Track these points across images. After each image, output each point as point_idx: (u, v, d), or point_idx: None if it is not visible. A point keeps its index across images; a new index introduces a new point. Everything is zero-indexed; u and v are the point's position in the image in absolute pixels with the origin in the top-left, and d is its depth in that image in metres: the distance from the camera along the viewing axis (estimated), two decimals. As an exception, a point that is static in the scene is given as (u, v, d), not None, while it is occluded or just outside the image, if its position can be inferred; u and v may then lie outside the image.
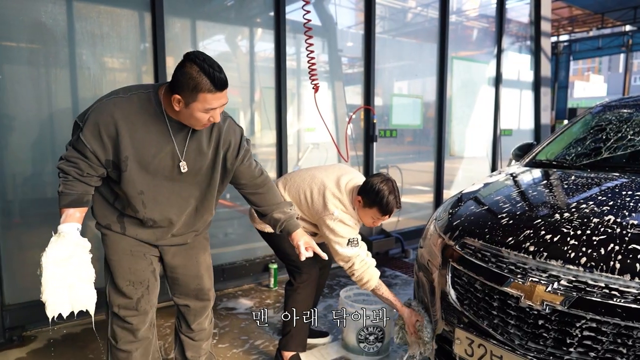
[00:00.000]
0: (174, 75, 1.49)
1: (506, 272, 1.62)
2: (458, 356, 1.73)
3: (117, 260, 1.70)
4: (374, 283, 2.17)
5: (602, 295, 1.39)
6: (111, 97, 1.55)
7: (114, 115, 1.51)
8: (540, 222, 1.70)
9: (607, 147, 2.49)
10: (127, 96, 1.55)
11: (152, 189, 1.63)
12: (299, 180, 2.27)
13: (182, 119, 1.56)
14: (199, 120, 1.53)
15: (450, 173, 4.85)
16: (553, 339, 1.46)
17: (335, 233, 2.12)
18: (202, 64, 1.44)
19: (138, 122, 1.54)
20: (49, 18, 2.63)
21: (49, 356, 2.38)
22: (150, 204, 1.65)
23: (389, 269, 3.85)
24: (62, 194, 1.54)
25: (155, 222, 1.69)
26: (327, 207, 2.14)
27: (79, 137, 1.52)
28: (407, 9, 4.77)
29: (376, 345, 2.35)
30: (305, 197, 2.21)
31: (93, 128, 1.51)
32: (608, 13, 14.70)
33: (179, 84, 1.46)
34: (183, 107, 1.49)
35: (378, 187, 2.12)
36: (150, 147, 1.57)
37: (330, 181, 2.21)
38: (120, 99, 1.54)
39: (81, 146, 1.52)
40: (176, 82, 1.47)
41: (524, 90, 5.56)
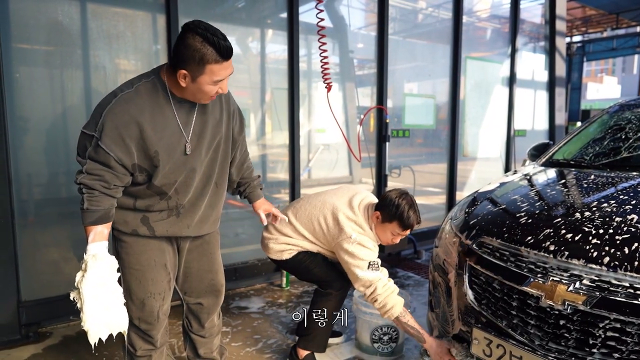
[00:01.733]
0: (175, 50, 1.40)
1: (526, 272, 1.59)
2: (476, 356, 1.70)
3: (141, 271, 1.64)
4: (399, 309, 2.01)
5: (626, 295, 1.35)
6: (119, 96, 1.45)
7: (130, 112, 1.43)
8: (560, 221, 1.67)
9: (626, 147, 2.45)
10: (133, 89, 1.47)
11: (183, 173, 1.59)
12: (309, 208, 2.18)
13: (188, 95, 1.49)
14: (207, 94, 1.47)
15: (463, 174, 4.80)
16: (575, 340, 1.43)
17: (355, 256, 2.02)
18: (204, 33, 1.35)
19: (153, 112, 1.47)
20: (65, 18, 2.66)
21: (65, 353, 2.40)
22: (182, 189, 1.61)
23: (402, 270, 3.82)
24: (87, 211, 1.45)
25: (184, 207, 1.65)
26: (344, 230, 2.05)
27: (98, 147, 1.42)
28: (419, 9, 4.75)
29: (390, 346, 2.33)
30: (320, 225, 2.12)
31: (113, 133, 1.42)
32: (623, 13, 14.50)
33: (183, 58, 1.37)
34: (190, 82, 1.43)
35: (397, 201, 2.05)
36: (172, 134, 1.52)
37: (342, 204, 2.13)
38: (128, 94, 1.45)
39: (103, 156, 1.43)
40: (180, 56, 1.38)
41: (538, 90, 5.50)
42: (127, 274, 1.65)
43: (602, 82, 42.34)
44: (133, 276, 1.64)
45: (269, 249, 2.25)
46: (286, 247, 2.20)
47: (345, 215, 2.09)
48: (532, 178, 2.36)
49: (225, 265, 3.29)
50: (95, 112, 1.47)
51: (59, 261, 2.79)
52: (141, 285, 1.65)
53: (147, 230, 1.62)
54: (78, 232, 2.85)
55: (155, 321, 1.69)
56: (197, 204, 1.69)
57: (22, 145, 2.60)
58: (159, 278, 1.68)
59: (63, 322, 2.71)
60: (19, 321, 2.53)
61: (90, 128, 1.45)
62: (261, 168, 3.69)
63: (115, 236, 1.65)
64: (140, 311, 1.66)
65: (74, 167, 2.80)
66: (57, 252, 2.80)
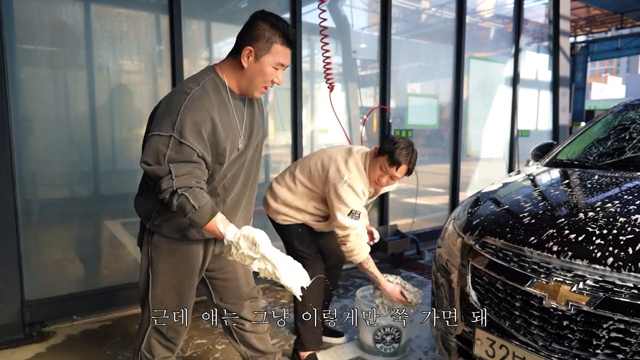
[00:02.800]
0: (242, 33, 1.48)
1: (529, 272, 1.58)
2: (478, 357, 1.69)
3: (180, 280, 1.59)
4: (363, 256, 2.20)
5: (630, 296, 1.35)
6: (191, 94, 1.42)
7: (206, 108, 1.43)
8: (564, 222, 1.66)
9: (631, 147, 2.43)
10: (200, 87, 1.45)
11: (232, 170, 1.59)
12: (311, 156, 2.32)
13: (245, 82, 1.52)
14: (266, 77, 1.50)
15: (466, 175, 4.79)
16: (578, 340, 1.42)
17: (341, 199, 2.12)
18: (274, 20, 1.46)
19: (220, 108, 1.48)
20: (69, 18, 2.67)
21: (68, 352, 2.40)
22: (229, 186, 1.60)
23: (404, 270, 3.81)
24: (200, 209, 1.38)
25: (227, 206, 1.62)
26: (339, 170, 2.15)
27: (181, 144, 1.36)
28: (422, 9, 4.74)
29: (393, 346, 2.32)
30: (316, 167, 2.23)
31: (194, 130, 1.38)
32: (627, 12, 14.41)
33: (250, 37, 1.45)
34: (253, 61, 1.47)
35: (397, 139, 2.17)
36: (233, 130, 1.53)
37: (342, 149, 2.27)
38: (198, 91, 1.44)
39: (188, 153, 1.38)
40: (247, 35, 1.46)
41: (542, 90, 5.48)
42: (161, 283, 1.58)
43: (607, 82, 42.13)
44: (169, 284, 1.59)
45: (268, 206, 2.34)
46: (281, 209, 2.28)
47: (342, 157, 2.20)
48: (535, 178, 2.35)
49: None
50: (165, 113, 1.41)
51: (62, 261, 2.80)
52: (177, 294, 1.60)
53: (196, 234, 1.56)
54: (81, 231, 2.88)
55: (183, 330, 1.67)
56: (239, 202, 1.68)
57: (26, 145, 2.62)
58: (194, 286, 1.65)
59: (67, 321, 2.72)
60: (23, 320, 2.55)
61: (166, 129, 1.37)
62: (264, 168, 3.70)
63: (154, 243, 1.57)
64: (171, 320, 1.62)
65: (78, 167, 2.85)
66: (60, 252, 2.81)
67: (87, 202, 2.93)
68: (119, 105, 2.95)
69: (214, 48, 3.36)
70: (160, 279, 1.59)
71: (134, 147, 3.04)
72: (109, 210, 2.99)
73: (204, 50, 3.34)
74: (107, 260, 2.98)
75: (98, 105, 2.84)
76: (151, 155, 1.38)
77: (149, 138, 1.40)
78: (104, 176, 2.94)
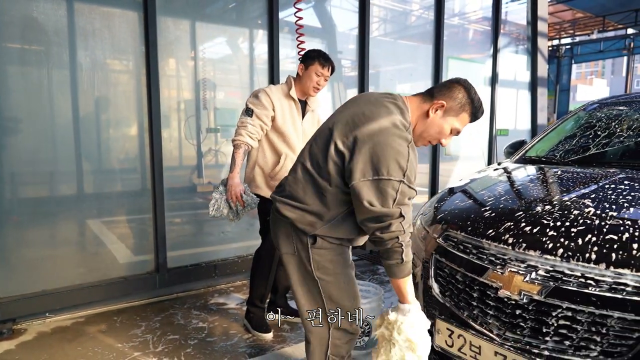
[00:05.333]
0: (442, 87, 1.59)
1: (486, 263, 1.63)
2: (439, 347, 1.73)
3: (348, 274, 1.63)
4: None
5: (578, 285, 1.40)
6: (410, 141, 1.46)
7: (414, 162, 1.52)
8: (521, 215, 1.71)
9: (595, 144, 2.50)
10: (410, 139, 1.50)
11: None
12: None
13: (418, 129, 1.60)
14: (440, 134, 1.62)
15: (445, 174, 4.85)
16: (530, 329, 1.46)
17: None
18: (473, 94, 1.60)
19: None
20: (40, 14, 2.66)
21: (37, 349, 2.39)
22: None
23: (382, 267, 3.84)
24: (405, 263, 1.47)
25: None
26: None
27: (410, 188, 1.44)
28: (403, 11, 4.79)
29: (363, 339, 2.35)
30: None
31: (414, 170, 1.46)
32: (609, 16, 14.68)
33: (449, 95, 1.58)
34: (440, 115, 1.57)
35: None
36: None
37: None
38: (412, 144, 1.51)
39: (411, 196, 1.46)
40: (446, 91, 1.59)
41: (521, 90, 5.57)
42: (334, 281, 1.59)
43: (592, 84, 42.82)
44: (341, 281, 1.61)
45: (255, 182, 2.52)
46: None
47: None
48: (501, 174, 2.41)
49: (204, 262, 3.33)
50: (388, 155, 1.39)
51: (38, 259, 2.78)
52: (349, 287, 1.63)
53: (352, 240, 1.64)
54: (59, 230, 2.87)
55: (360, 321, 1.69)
56: None
57: (4, 145, 2.60)
58: (355, 278, 1.69)
59: (39, 318, 2.71)
60: (-6, 318, 2.53)
61: (395, 174, 1.40)
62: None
63: (318, 246, 1.55)
64: (350, 314, 1.63)
65: (60, 166, 2.84)
66: (37, 250, 2.79)
67: (66, 201, 2.92)
68: (96, 103, 2.94)
69: (198, 49, 3.38)
70: (332, 277, 1.58)
71: (114, 146, 3.05)
72: (87, 209, 2.98)
73: (187, 50, 3.35)
74: (84, 258, 2.97)
75: (78, 102, 2.83)
76: (379, 197, 1.39)
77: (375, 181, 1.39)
78: (77, 175, 2.93)
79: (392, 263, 1.45)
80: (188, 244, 3.41)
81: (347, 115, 1.50)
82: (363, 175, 1.40)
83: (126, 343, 2.45)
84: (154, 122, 2.99)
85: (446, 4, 4.57)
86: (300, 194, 1.54)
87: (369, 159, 1.40)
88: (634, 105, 2.74)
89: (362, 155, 1.40)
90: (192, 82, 3.42)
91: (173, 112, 3.36)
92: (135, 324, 2.69)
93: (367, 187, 1.39)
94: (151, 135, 3.00)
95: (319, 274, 1.56)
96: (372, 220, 1.42)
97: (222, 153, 3.67)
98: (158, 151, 3.03)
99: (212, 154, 3.66)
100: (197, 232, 3.51)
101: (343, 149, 1.44)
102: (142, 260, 3.12)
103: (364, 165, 1.40)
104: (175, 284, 3.16)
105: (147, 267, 3.11)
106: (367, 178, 1.39)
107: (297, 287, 1.61)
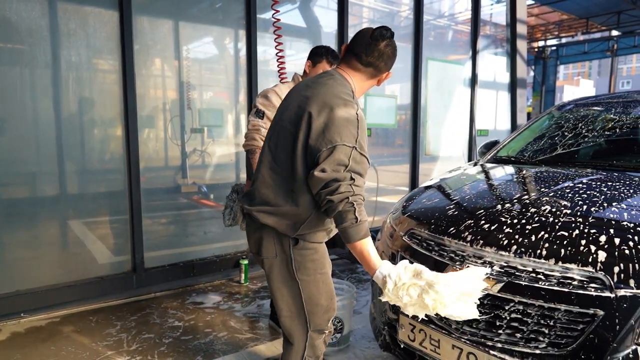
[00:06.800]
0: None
1: (447, 260, 1.68)
2: (402, 341, 1.78)
3: (326, 274, 1.64)
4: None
5: (529, 279, 1.45)
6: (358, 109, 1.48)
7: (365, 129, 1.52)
8: (482, 213, 1.76)
9: (561, 144, 2.57)
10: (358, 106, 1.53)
11: None
12: None
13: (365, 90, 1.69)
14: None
15: (425, 173, 4.91)
16: (485, 322, 1.51)
17: None
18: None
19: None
20: (14, 15, 2.66)
21: (10, 348, 2.39)
22: None
23: (361, 266, 3.89)
24: (361, 223, 1.39)
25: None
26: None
27: (362, 156, 1.43)
28: (382, 11, 4.85)
29: (335, 336, 2.39)
30: None
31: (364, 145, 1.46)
32: (592, 18, 14.93)
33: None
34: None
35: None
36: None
37: None
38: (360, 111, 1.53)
39: (365, 166, 1.45)
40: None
41: (501, 91, 5.66)
42: (313, 281, 1.60)
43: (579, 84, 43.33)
44: (320, 281, 1.62)
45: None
46: None
47: None
48: (471, 174, 2.46)
49: (182, 262, 3.35)
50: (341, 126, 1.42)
51: (14, 260, 2.78)
52: (327, 287, 1.64)
53: (326, 238, 1.64)
54: (34, 231, 2.87)
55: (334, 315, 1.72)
56: None
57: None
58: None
59: (13, 319, 2.70)
60: (-33, 318, 2.52)
61: (347, 141, 1.41)
62: (235, 167, 3.74)
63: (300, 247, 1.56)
64: (326, 313, 1.66)
65: (37, 167, 2.83)
66: (14, 251, 2.79)
67: (44, 202, 2.92)
68: (75, 104, 2.94)
69: (182, 49, 3.40)
70: (312, 278, 1.59)
71: (93, 147, 3.06)
72: (65, 209, 2.98)
73: (171, 49, 3.37)
74: (60, 259, 2.97)
75: (60, 102, 2.84)
76: (331, 164, 1.39)
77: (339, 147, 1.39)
78: (55, 176, 2.93)
79: (347, 225, 1.38)
80: (168, 244, 3.42)
81: (295, 104, 1.52)
82: (320, 148, 1.41)
83: (100, 342, 2.47)
84: (130, 122, 3.00)
85: (426, 6, 4.64)
86: (272, 197, 1.53)
87: (322, 132, 1.42)
88: (605, 106, 2.81)
89: (315, 132, 1.43)
90: (176, 82, 3.44)
91: (157, 112, 3.37)
92: (110, 323, 2.70)
93: (323, 157, 1.41)
94: (127, 135, 3.01)
95: (299, 275, 1.57)
96: (322, 187, 1.41)
97: (207, 153, 3.69)
98: (135, 152, 3.04)
99: (197, 154, 3.67)
100: (178, 232, 3.53)
101: (301, 137, 1.46)
102: (120, 261, 3.13)
103: (319, 138, 1.42)
104: (152, 284, 3.17)
105: (124, 267, 3.12)
106: (324, 148, 1.41)
107: (278, 290, 1.62)
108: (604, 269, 1.35)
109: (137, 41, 3.05)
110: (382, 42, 1.52)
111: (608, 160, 2.43)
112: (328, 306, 1.65)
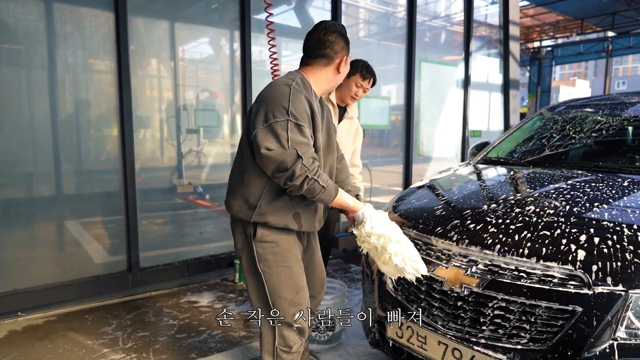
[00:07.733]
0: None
1: (434, 259, 1.73)
2: (390, 338, 1.82)
3: (290, 267, 1.66)
4: None
5: (512, 277, 1.50)
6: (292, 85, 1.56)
7: (306, 97, 1.58)
8: (468, 213, 1.81)
9: (549, 146, 2.62)
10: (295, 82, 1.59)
11: (324, 164, 1.68)
12: None
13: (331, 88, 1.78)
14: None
15: (418, 174, 4.96)
16: (470, 319, 1.56)
17: None
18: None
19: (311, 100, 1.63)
20: (10, 17, 2.69)
21: (8, 346, 2.42)
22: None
23: (355, 265, 3.94)
24: (328, 187, 1.53)
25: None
26: None
27: (300, 126, 1.49)
28: (376, 12, 4.89)
29: (327, 334, 2.43)
30: None
31: (304, 114, 1.52)
32: (588, 19, 15.04)
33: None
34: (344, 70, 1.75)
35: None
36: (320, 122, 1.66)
37: None
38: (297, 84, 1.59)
39: (306, 134, 1.51)
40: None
41: (494, 92, 5.71)
42: (275, 274, 1.65)
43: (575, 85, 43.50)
44: (282, 274, 1.65)
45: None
46: None
47: None
48: (459, 175, 2.51)
49: (177, 261, 3.38)
50: (273, 103, 1.52)
51: (8, 259, 2.81)
52: (292, 280, 1.67)
53: (296, 225, 1.65)
54: (32, 232, 2.90)
55: (307, 313, 1.74)
56: None
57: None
58: (302, 272, 1.73)
59: (10, 317, 2.73)
60: (-36, 317, 2.55)
61: (280, 115, 1.49)
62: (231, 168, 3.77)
63: (259, 239, 1.63)
64: (293, 307, 1.68)
65: (33, 168, 2.87)
66: (7, 251, 2.82)
67: (40, 202, 2.95)
68: (71, 105, 2.97)
69: (177, 49, 3.43)
70: (273, 270, 1.65)
71: (89, 148, 3.09)
72: (61, 209, 3.01)
73: (167, 50, 3.40)
74: (57, 258, 3.01)
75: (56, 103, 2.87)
76: (272, 141, 1.48)
77: (266, 127, 1.49)
78: (52, 176, 2.96)
79: (318, 196, 1.53)
80: (163, 244, 3.46)
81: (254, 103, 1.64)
82: (257, 125, 1.52)
83: (96, 340, 2.50)
84: (125, 123, 3.03)
85: (420, 7, 4.69)
86: (233, 182, 1.69)
87: (260, 111, 1.54)
88: (595, 108, 2.85)
89: (255, 112, 1.56)
90: (172, 82, 3.47)
91: (153, 112, 3.41)
92: (106, 322, 2.74)
93: (262, 134, 1.50)
94: (123, 136, 3.04)
95: (262, 266, 1.66)
96: (277, 170, 1.49)
97: (203, 154, 3.73)
98: (130, 152, 3.07)
99: (192, 154, 3.71)
100: (174, 232, 3.56)
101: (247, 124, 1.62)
102: (116, 260, 3.16)
103: (257, 117, 1.53)
104: (148, 283, 3.21)
105: (120, 267, 3.15)
106: (260, 127, 1.51)
107: (248, 280, 1.73)
108: (583, 267, 1.40)
109: (132, 42, 3.09)
110: (319, 33, 1.65)
111: (595, 161, 2.48)
112: (293, 300, 1.69)
